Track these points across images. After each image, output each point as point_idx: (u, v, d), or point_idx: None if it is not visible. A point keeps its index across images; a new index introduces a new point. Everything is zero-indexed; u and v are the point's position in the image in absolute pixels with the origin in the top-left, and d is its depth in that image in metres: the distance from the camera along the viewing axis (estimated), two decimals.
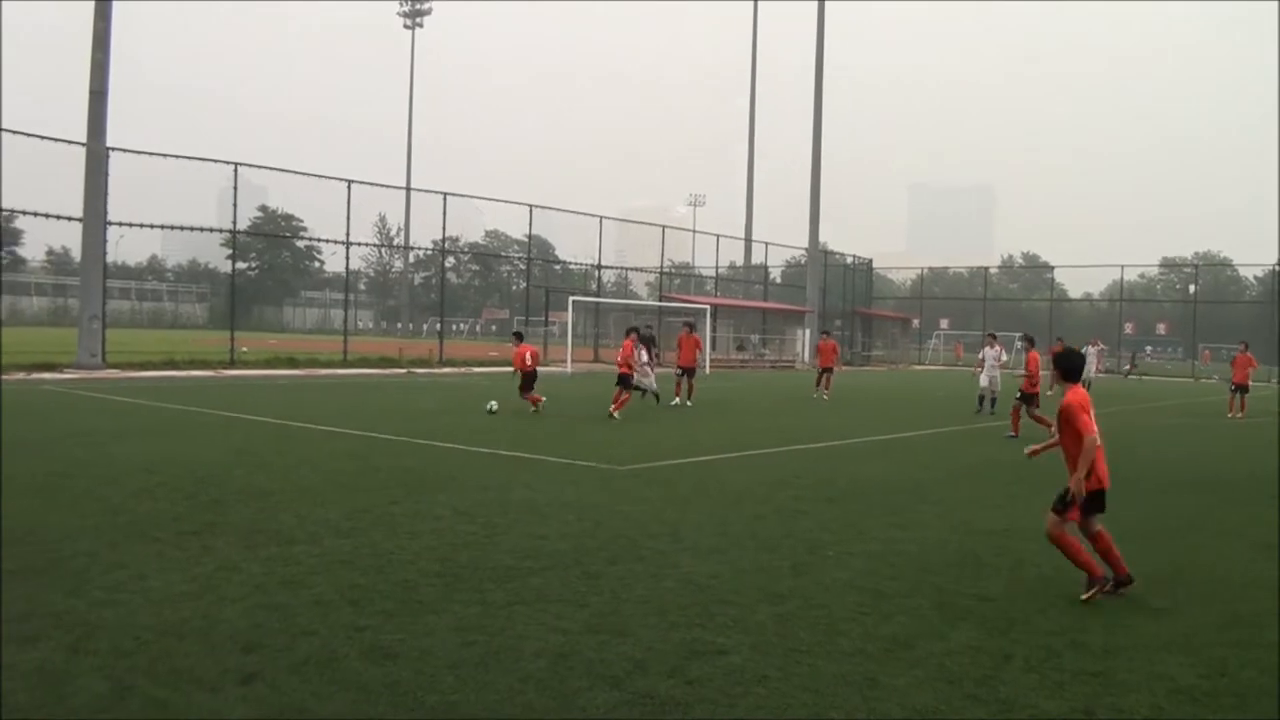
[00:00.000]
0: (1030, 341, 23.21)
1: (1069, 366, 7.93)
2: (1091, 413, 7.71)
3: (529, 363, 22.56)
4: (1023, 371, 21.99)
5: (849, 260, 73.37)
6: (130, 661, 5.68)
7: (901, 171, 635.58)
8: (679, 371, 27.06)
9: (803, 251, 70.85)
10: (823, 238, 65.47)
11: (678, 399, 26.12)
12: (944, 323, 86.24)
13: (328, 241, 48.63)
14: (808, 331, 61.30)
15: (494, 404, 21.58)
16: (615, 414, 21.10)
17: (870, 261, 78.08)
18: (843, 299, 69.82)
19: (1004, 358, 28.53)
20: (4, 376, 29.24)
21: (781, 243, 74.78)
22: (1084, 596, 7.61)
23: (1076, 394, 7.74)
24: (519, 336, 25.24)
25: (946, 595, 7.63)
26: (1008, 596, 7.74)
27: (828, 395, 30.70)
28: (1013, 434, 20.39)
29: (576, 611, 6.88)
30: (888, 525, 10.47)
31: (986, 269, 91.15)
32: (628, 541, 9.18)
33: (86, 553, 8.16)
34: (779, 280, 77.27)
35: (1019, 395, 21.04)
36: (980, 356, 27.07)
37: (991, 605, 7.45)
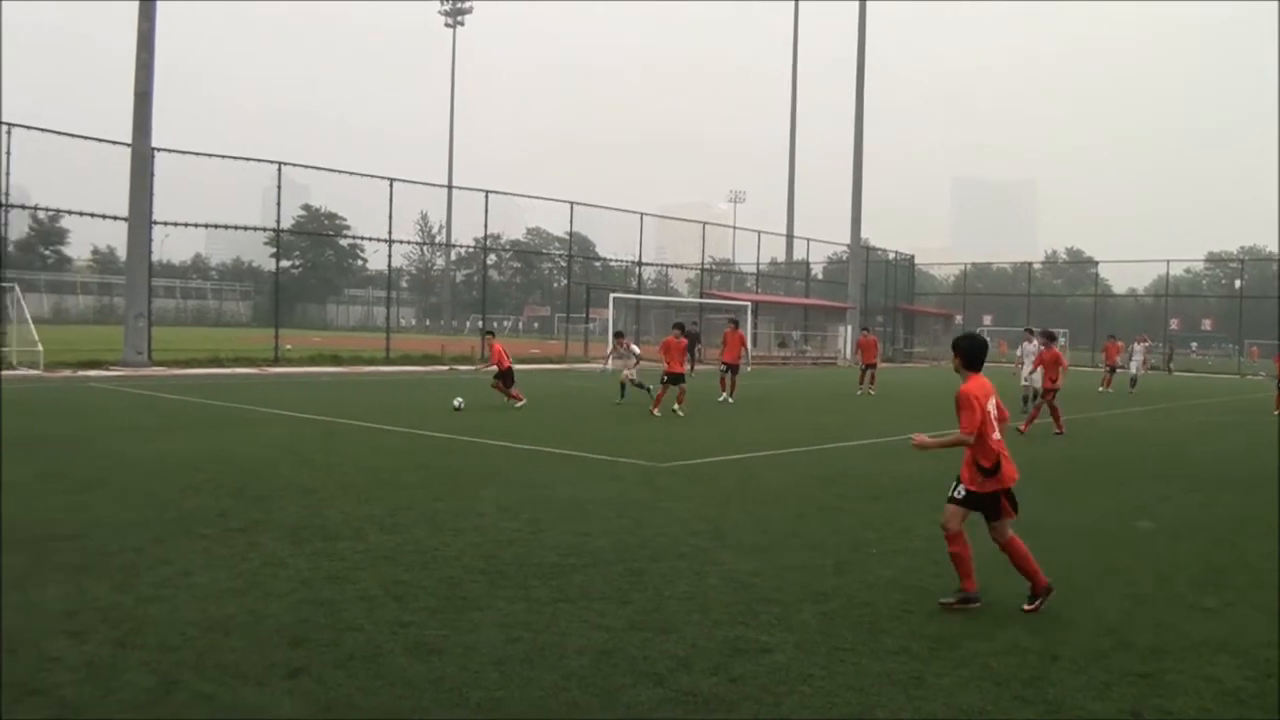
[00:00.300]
0: (1049, 337, 22.82)
1: (971, 353, 7.33)
2: (990, 405, 7.11)
3: (506, 361, 22.71)
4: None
5: (891, 256, 72.95)
6: (177, 656, 5.73)
7: (944, 166, 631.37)
8: (723, 367, 26.99)
9: (844, 247, 70.39)
10: (865, 233, 65.08)
11: (724, 395, 26.04)
12: (987, 319, 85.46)
13: (370, 239, 48.95)
14: (849, 328, 60.98)
15: (460, 400, 21.35)
16: (678, 408, 21.20)
17: (912, 257, 77.64)
18: (885, 295, 69.44)
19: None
20: (52, 374, 29.66)
21: (823, 239, 74.56)
22: (943, 600, 7.21)
23: (975, 383, 7.18)
24: (491, 334, 25.36)
25: (991, 594, 7.55)
26: (1054, 595, 7.63)
27: (874, 390, 30.61)
28: (1058, 431, 20.25)
29: (619, 609, 6.87)
30: (932, 523, 10.34)
31: (1030, 264, 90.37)
32: (670, 539, 9.17)
33: (133, 548, 8.26)
34: (820, 276, 77.06)
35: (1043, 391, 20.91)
36: (1019, 353, 26.82)
37: None
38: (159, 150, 34.84)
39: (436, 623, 6.43)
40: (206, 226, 40.52)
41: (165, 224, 36.06)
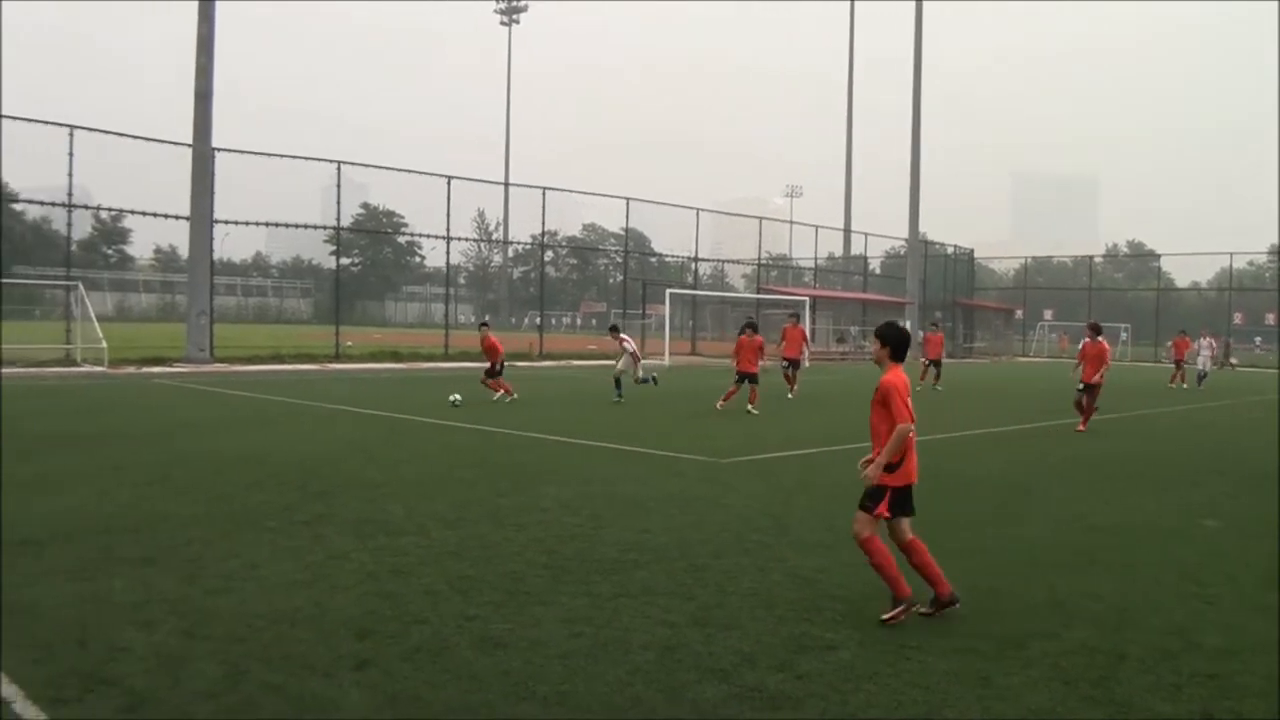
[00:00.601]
0: (1095, 330, 22.34)
1: (896, 343, 6.97)
2: (908, 399, 6.81)
3: (498, 354, 22.89)
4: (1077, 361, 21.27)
5: (950, 250, 72.23)
6: (244, 647, 5.79)
7: (1003, 158, 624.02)
8: (785, 364, 26.83)
9: (902, 242, 69.78)
10: (923, 227, 64.49)
11: (792, 391, 25.85)
12: (1048, 313, 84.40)
13: (428, 237, 49.36)
14: (908, 323, 60.38)
15: (457, 396, 21.34)
16: (751, 408, 21.05)
17: (972, 251, 76.80)
18: (944, 289, 68.74)
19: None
20: (116, 371, 30.19)
21: (881, 233, 74.16)
22: (885, 616, 6.59)
23: (899, 375, 6.86)
24: (486, 325, 24.89)
25: (1058, 593, 7.45)
26: (1120, 594, 7.52)
27: (941, 387, 30.41)
28: (1081, 429, 19.73)
29: (683, 604, 6.86)
30: (996, 520, 10.27)
31: (1091, 258, 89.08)
32: (732, 535, 9.14)
33: (200, 540, 8.38)
34: (878, 271, 76.57)
35: (1080, 387, 20.35)
36: (1080, 348, 26.41)
37: (1104, 604, 7.25)
38: (219, 150, 35.33)
39: (500, 617, 6.45)
40: (267, 225, 41.04)
41: (226, 223, 36.58)
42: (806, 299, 51.49)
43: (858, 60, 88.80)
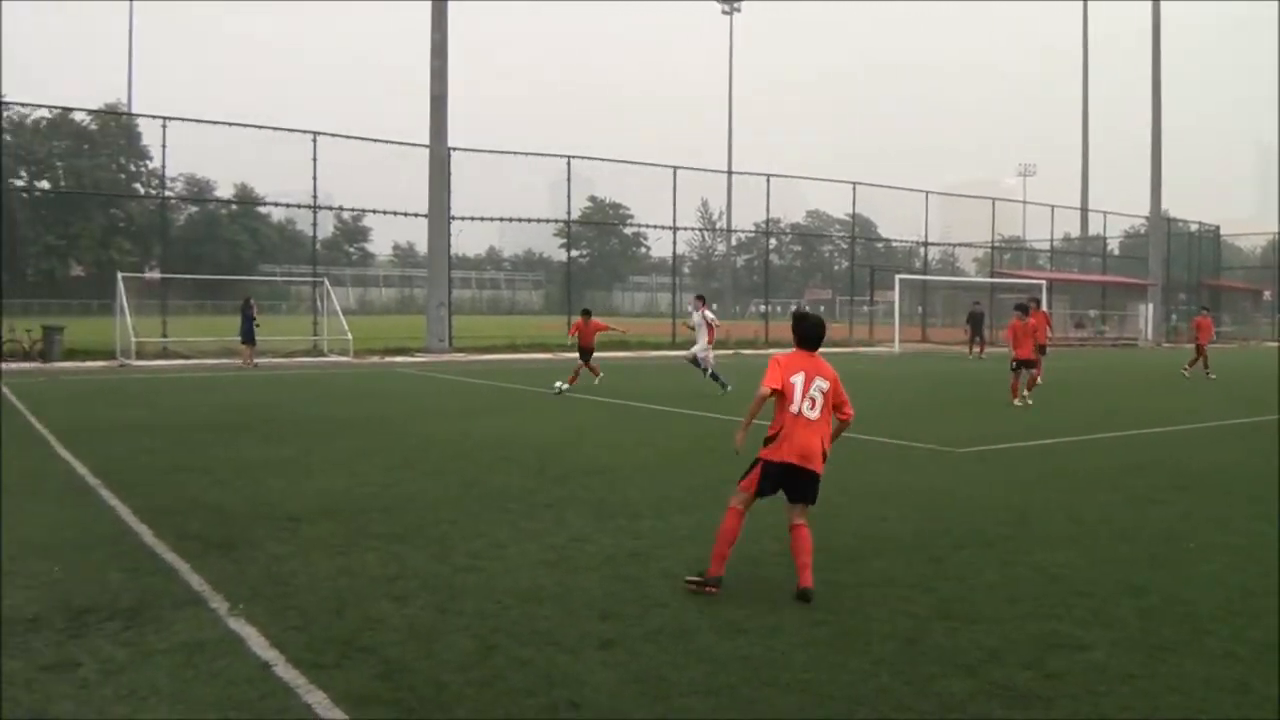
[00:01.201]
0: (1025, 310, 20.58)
1: (801, 336, 6.96)
2: (797, 379, 6.79)
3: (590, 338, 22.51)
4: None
5: (1193, 228, 68.16)
6: (493, 623, 6.00)
7: (1246, 128, 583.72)
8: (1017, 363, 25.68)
9: (1143, 220, 66.30)
10: (1164, 204, 61.00)
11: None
12: None
13: (653, 227, 49.96)
14: (1150, 306, 57.39)
15: (561, 384, 21.07)
16: (1026, 399, 19.97)
17: (1217, 228, 72.23)
18: (1187, 270, 64.97)
19: None
20: (360, 360, 31.81)
21: (1120, 211, 70.44)
22: (688, 579, 6.74)
23: (793, 355, 6.91)
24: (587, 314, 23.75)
25: None
26: None
27: (1213, 375, 28.57)
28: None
29: (923, 596, 6.72)
30: (1251, 517, 9.61)
31: None
32: (972, 526, 8.89)
33: (448, 520, 8.74)
34: (1117, 252, 72.86)
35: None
36: None
37: None
38: (454, 150, 36.72)
39: (739, 603, 6.47)
40: (499, 220, 42.41)
41: (461, 219, 37.99)
42: (1044, 282, 49.56)
43: (1092, 34, 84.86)
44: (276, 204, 52.17)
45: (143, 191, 78.95)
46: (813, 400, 6.78)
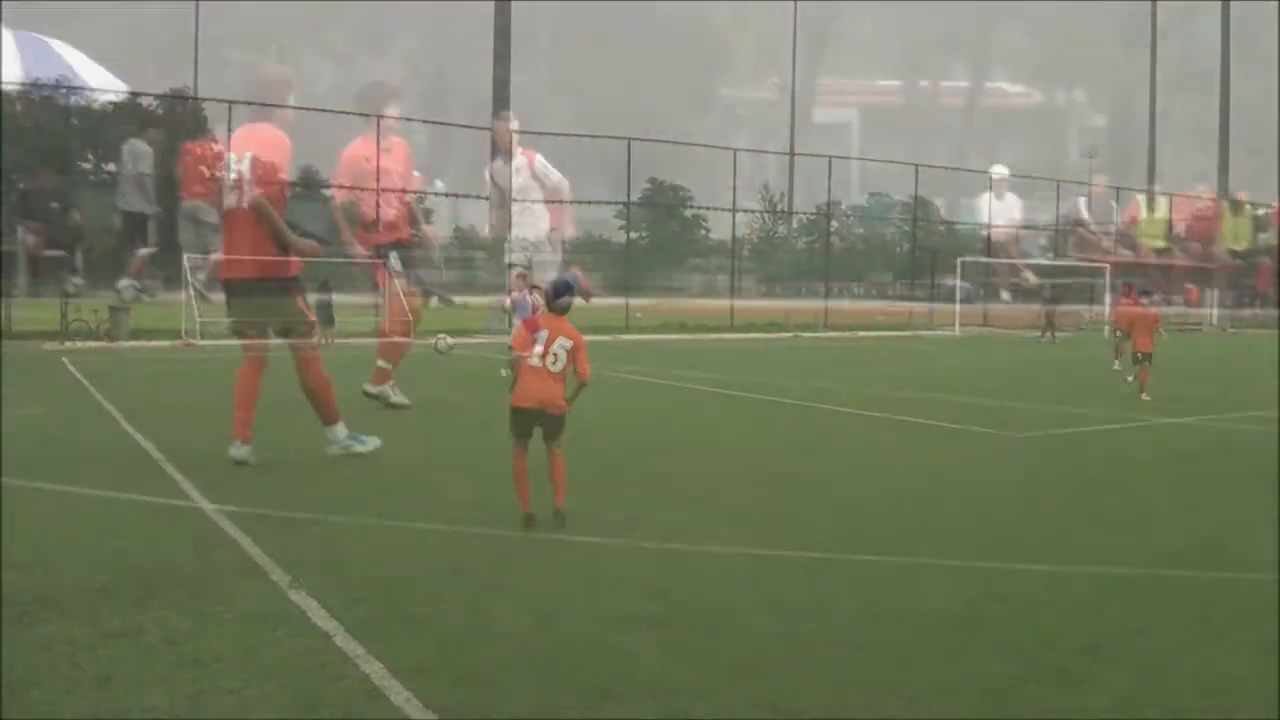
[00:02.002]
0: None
1: (551, 294, 8.05)
2: (541, 335, 7.71)
3: None
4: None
5: (1260, 211, 66.18)
6: (550, 604, 6.09)
7: None
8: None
9: (1209, 202, 64.45)
10: (1230, 185, 59.22)
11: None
12: None
13: (713, 209, 49.77)
14: (1215, 291, 56.03)
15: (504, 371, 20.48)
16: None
17: None
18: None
19: None
20: (425, 341, 32.10)
21: (1186, 193, 68.54)
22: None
23: (545, 317, 7.98)
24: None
25: None
26: None
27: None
28: None
29: (974, 579, 6.70)
30: None
31: None
32: (1025, 509, 8.87)
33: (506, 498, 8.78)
34: (1183, 234, 71.14)
35: None
36: None
37: None
38: (514, 132, 36.97)
39: (791, 583, 6.50)
40: (559, 203, 42.51)
41: (521, 201, 38.25)
42: (1107, 266, 48.71)
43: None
44: (340, 186, 52.61)
45: (208, 174, 79.88)
46: (555, 356, 7.72)
